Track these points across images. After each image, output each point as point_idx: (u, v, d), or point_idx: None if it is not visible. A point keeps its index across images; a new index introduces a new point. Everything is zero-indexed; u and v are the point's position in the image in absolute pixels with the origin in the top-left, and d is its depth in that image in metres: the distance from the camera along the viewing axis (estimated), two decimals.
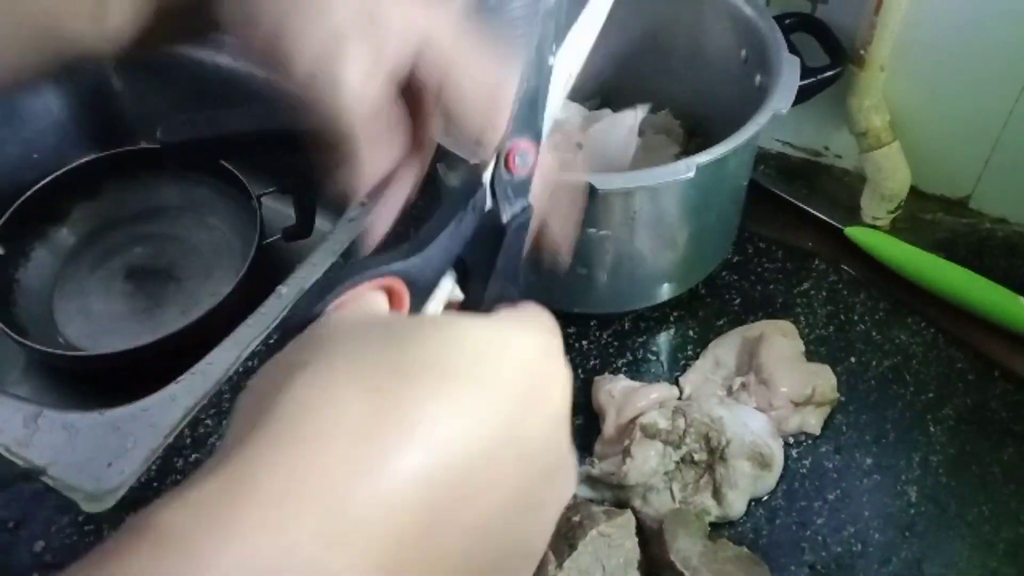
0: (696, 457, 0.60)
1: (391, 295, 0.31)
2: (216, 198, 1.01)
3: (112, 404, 0.70)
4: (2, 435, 0.68)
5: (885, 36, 0.69)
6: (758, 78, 0.67)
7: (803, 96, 0.64)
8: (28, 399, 0.72)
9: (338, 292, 0.29)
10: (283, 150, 0.72)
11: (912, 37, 0.69)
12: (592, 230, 0.62)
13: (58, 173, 0.96)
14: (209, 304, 0.85)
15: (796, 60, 0.64)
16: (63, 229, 1.01)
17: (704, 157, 0.58)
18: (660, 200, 0.61)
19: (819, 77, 0.68)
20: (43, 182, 0.96)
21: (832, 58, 0.70)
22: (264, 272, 0.87)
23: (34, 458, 0.67)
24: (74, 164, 0.97)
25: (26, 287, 0.98)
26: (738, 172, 0.67)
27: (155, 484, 0.64)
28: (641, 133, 0.76)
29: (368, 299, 0.30)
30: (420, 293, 0.32)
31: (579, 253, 0.64)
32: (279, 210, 0.97)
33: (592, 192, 0.58)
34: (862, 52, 0.70)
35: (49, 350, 0.88)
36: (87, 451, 0.67)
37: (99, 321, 0.98)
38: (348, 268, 0.30)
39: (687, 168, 0.57)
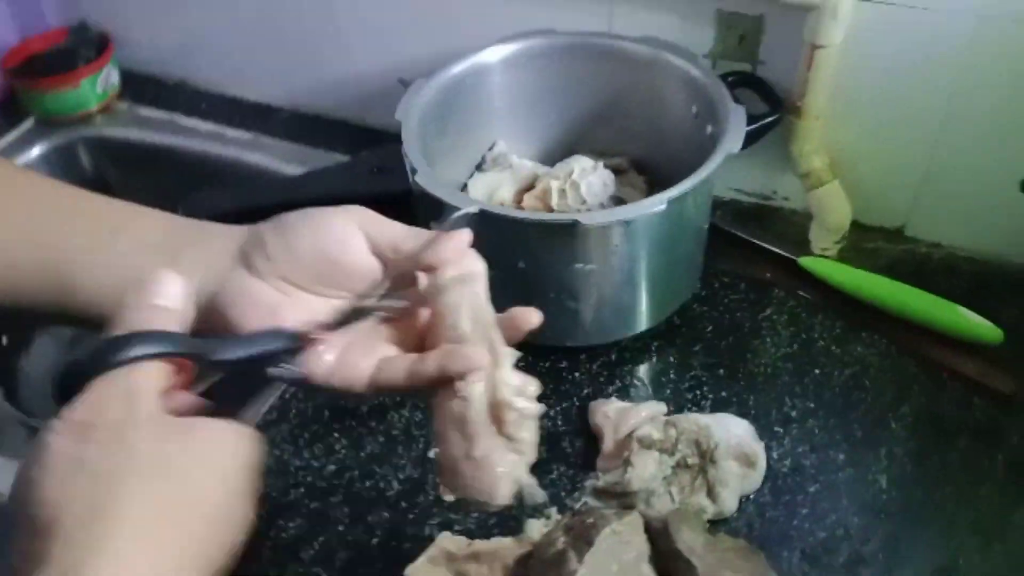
0: (689, 461, 0.66)
1: (180, 367, 0.38)
2: None
3: None
4: None
5: (817, 89, 0.79)
6: (709, 128, 0.77)
7: (749, 140, 0.73)
8: None
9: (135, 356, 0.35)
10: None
11: (842, 87, 0.80)
12: (579, 265, 0.69)
13: None
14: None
15: (741, 108, 0.74)
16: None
17: (673, 192, 0.66)
18: (636, 234, 0.69)
19: (761, 123, 0.78)
20: None
21: (771, 107, 0.80)
22: None
23: None
24: None
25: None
26: (700, 208, 0.75)
27: None
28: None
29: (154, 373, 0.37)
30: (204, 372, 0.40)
31: (568, 288, 0.72)
32: None
33: (577, 227, 0.65)
34: (799, 104, 0.80)
35: None
36: None
37: None
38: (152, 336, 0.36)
39: (659, 202, 0.65)
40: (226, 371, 0.41)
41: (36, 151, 1.08)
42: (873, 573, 0.62)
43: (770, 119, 0.79)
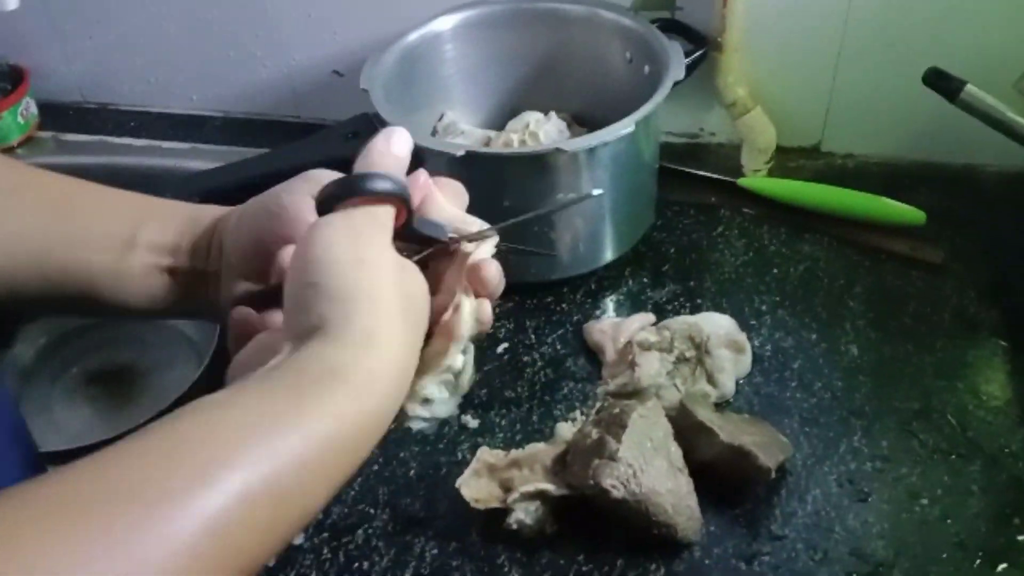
0: (687, 355, 0.72)
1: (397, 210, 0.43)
2: None
3: None
4: None
5: (734, 23, 0.88)
6: (647, 68, 0.84)
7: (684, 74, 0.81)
8: None
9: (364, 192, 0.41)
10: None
11: (754, 21, 0.89)
12: (560, 195, 0.75)
13: None
14: (178, 391, 0.84)
15: (677, 43, 0.82)
16: (18, 346, 1.03)
17: (638, 114, 0.73)
18: (609, 160, 0.76)
19: (692, 57, 0.86)
20: None
21: (695, 46, 0.88)
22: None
23: None
24: None
25: (28, 394, 0.99)
26: (651, 140, 0.82)
27: None
28: None
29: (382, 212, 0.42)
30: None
31: (550, 221, 0.77)
32: None
33: (560, 155, 0.71)
34: (719, 39, 0.89)
35: (49, 450, 0.89)
36: None
37: (69, 429, 1.00)
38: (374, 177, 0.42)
39: (627, 124, 0.72)
40: (412, 231, 0.46)
41: None
42: (865, 423, 0.69)
43: (697, 54, 0.87)
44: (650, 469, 0.61)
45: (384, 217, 0.42)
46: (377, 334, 0.38)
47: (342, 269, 0.39)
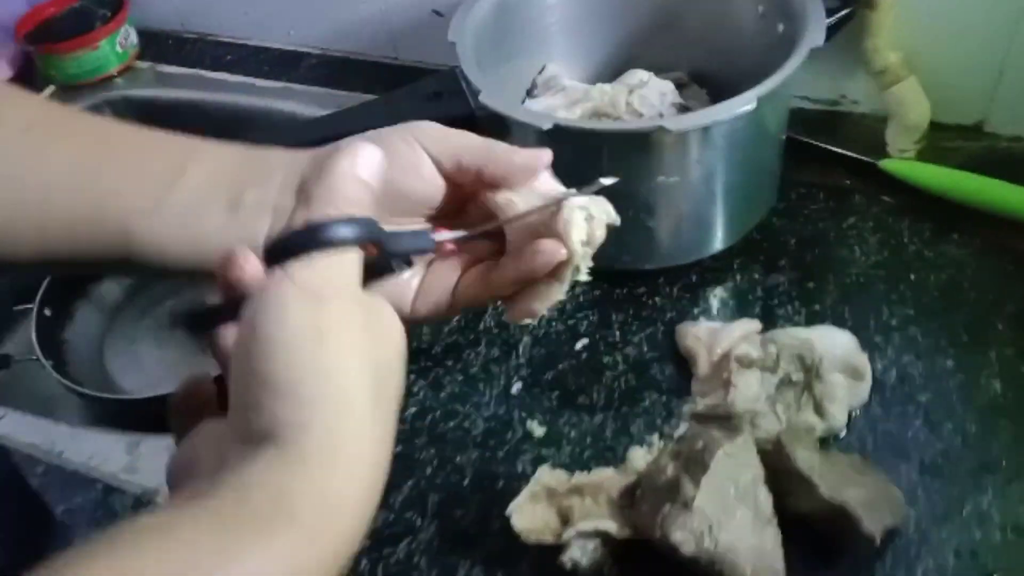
0: (793, 378, 0.62)
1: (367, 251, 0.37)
2: None
3: None
4: (108, 465, 0.69)
5: None
6: (780, 27, 0.72)
7: (825, 36, 0.69)
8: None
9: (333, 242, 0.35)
10: None
11: None
12: (661, 178, 0.65)
13: None
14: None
15: (820, 0, 0.69)
16: (104, 285, 1.03)
17: (761, 89, 0.62)
18: (719, 141, 0.65)
19: (838, 15, 0.73)
20: None
21: (843, 2, 0.75)
22: None
23: (144, 482, 0.68)
24: None
25: (75, 345, 0.99)
26: (779, 113, 0.71)
27: None
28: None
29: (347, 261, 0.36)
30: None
31: (647, 206, 0.68)
32: None
33: (662, 137, 0.61)
34: None
35: (105, 396, 0.89)
36: None
37: (153, 369, 0.99)
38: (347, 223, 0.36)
39: (748, 100, 0.61)
40: (387, 259, 0.40)
41: None
42: (1000, 481, 0.58)
43: (845, 11, 0.73)
44: (730, 522, 0.53)
45: (349, 267, 0.35)
46: (341, 448, 0.31)
47: (298, 350, 0.32)
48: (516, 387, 0.68)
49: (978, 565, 0.54)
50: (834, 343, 0.64)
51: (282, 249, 0.34)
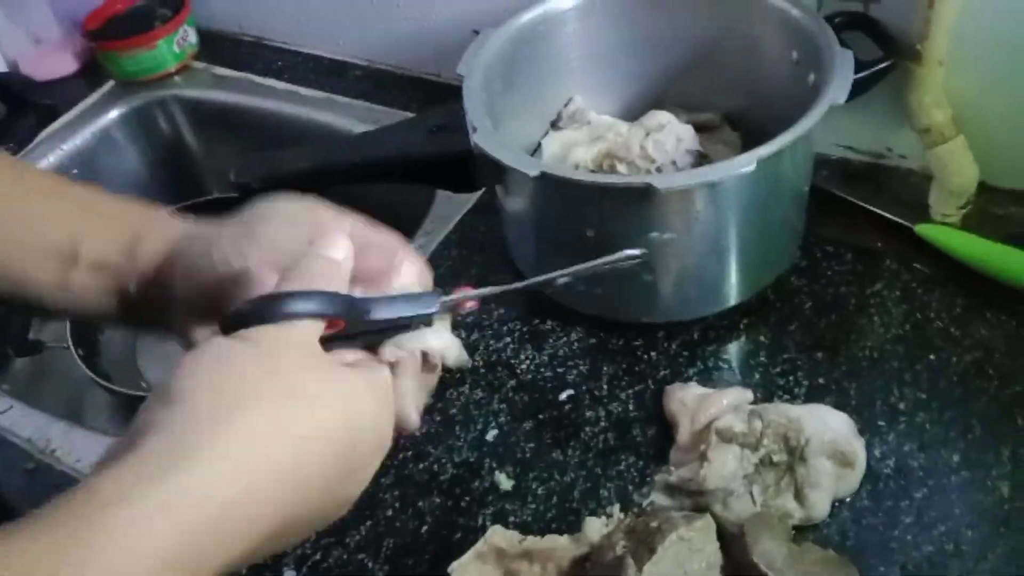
0: (775, 458, 0.58)
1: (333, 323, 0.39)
2: None
3: None
4: None
5: (941, 30, 0.68)
6: (811, 77, 0.67)
7: (858, 90, 0.64)
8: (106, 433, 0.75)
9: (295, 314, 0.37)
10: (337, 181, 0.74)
11: (970, 29, 0.68)
12: (655, 234, 0.62)
13: None
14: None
15: (849, 52, 0.64)
16: None
17: (764, 150, 0.58)
18: (722, 198, 0.61)
19: (873, 70, 0.68)
20: None
21: (886, 52, 0.70)
22: None
23: None
24: None
25: (110, 336, 1.02)
26: (798, 169, 0.66)
27: None
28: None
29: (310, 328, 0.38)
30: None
31: (644, 260, 0.64)
32: None
33: (653, 193, 0.58)
34: (918, 47, 0.69)
35: (135, 392, 0.91)
36: None
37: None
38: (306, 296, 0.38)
39: (747, 161, 0.57)
40: (376, 329, 0.42)
41: (115, 113, 1.07)
42: None
43: (883, 65, 0.68)
44: None
45: (297, 334, 0.36)
46: (187, 456, 0.31)
47: (207, 372, 0.34)
48: (492, 434, 0.66)
49: None
50: (826, 425, 0.59)
51: (237, 320, 0.36)
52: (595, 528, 0.57)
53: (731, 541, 0.55)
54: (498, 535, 0.57)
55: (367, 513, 0.63)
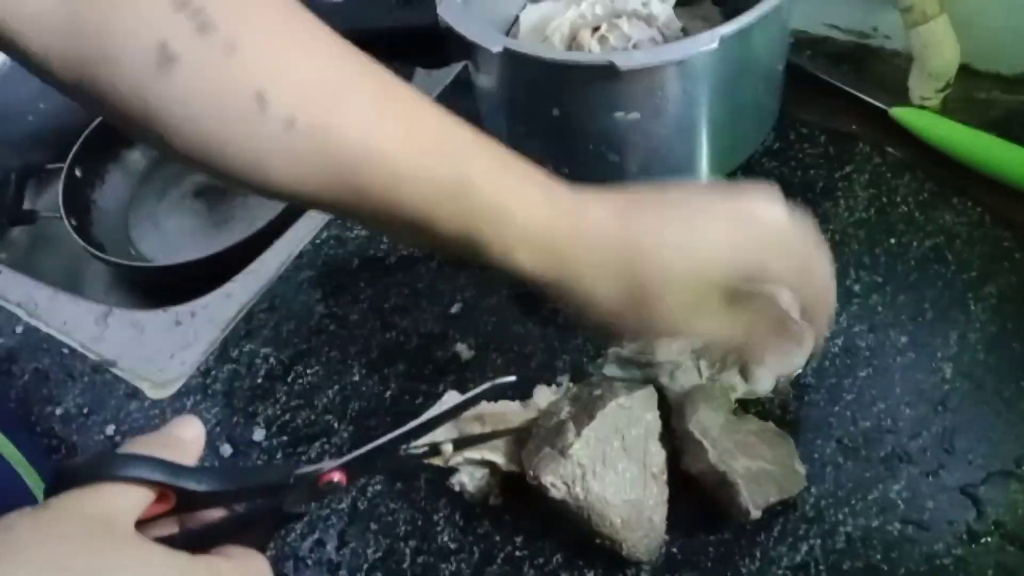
0: None
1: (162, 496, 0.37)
2: None
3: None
4: (77, 333, 0.74)
5: None
6: None
7: None
8: (99, 301, 0.78)
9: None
10: None
11: None
12: (620, 114, 0.62)
13: None
14: (270, 216, 0.88)
15: None
16: (135, 152, 1.06)
17: (728, 28, 0.57)
18: (687, 77, 0.61)
19: None
20: None
21: None
22: None
23: (105, 352, 0.72)
24: None
25: (103, 208, 1.04)
26: (770, 48, 0.65)
27: (212, 372, 0.68)
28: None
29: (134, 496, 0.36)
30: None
31: (610, 140, 0.65)
32: None
33: (615, 72, 0.57)
34: None
35: (125, 262, 0.93)
36: (153, 345, 0.72)
37: (171, 237, 1.03)
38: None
39: (710, 39, 0.56)
40: (228, 504, 0.40)
41: None
42: (916, 473, 0.55)
43: None
44: (607, 473, 0.52)
45: (124, 503, 0.35)
46: None
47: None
48: (456, 307, 0.68)
49: (866, 554, 0.53)
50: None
51: (65, 479, 0.35)
52: (544, 396, 0.59)
53: (674, 409, 0.58)
54: (452, 398, 0.60)
55: (335, 379, 0.66)
